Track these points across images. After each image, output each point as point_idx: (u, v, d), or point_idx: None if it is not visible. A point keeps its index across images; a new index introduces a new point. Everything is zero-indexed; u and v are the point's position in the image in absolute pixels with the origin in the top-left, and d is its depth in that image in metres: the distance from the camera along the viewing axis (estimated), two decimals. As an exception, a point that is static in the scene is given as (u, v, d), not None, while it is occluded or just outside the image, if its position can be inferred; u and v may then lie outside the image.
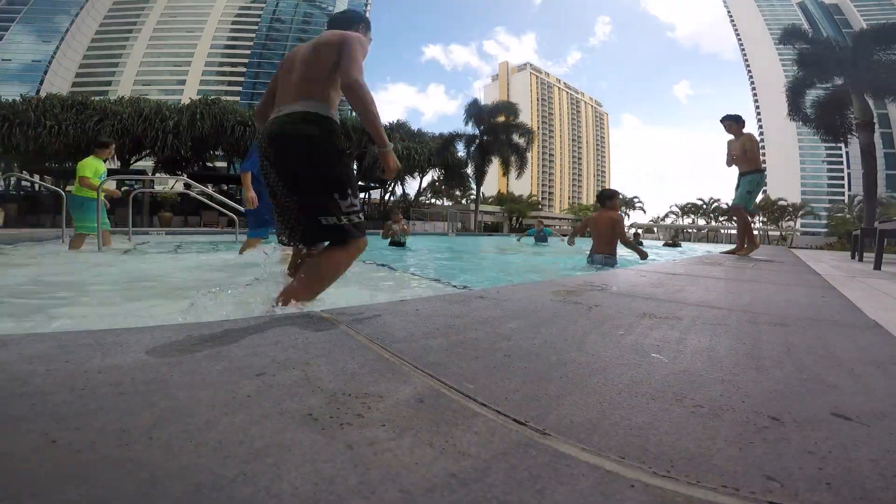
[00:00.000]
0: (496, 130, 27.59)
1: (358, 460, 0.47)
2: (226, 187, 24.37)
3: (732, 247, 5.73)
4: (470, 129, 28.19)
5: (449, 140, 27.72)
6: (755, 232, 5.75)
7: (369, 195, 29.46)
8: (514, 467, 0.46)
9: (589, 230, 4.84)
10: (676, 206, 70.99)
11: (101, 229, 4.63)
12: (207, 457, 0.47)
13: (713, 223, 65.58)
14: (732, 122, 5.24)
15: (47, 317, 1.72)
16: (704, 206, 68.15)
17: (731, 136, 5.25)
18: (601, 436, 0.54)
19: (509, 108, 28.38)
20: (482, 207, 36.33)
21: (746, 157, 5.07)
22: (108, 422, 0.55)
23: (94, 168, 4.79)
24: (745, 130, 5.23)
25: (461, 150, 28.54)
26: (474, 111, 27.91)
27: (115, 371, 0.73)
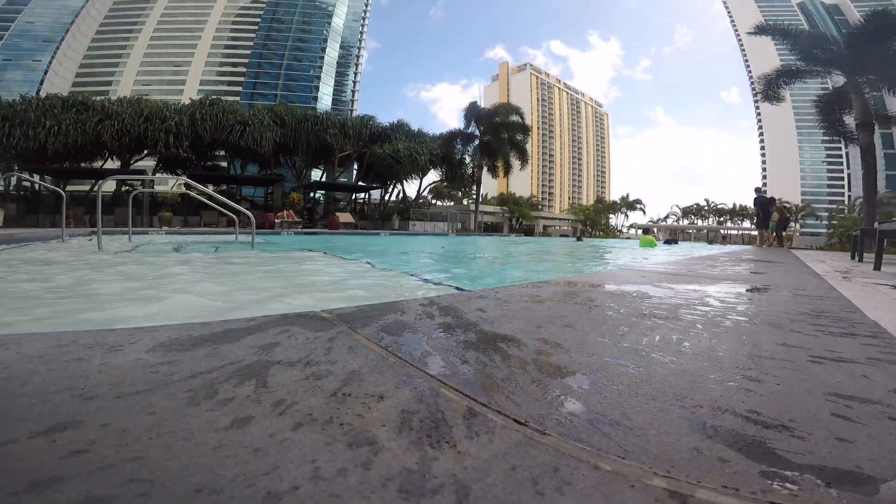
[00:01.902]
0: (497, 130, 27.60)
1: (358, 460, 0.47)
2: (226, 187, 24.37)
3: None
4: (471, 129, 28.24)
5: (449, 139, 27.73)
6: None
7: (369, 195, 29.47)
8: (514, 468, 0.46)
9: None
10: (678, 206, 71.15)
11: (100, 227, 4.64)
12: (207, 457, 0.47)
13: (712, 223, 65.82)
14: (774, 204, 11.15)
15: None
16: (706, 208, 68.36)
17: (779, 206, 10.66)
18: (601, 436, 0.54)
19: (512, 110, 28.38)
20: (482, 208, 36.34)
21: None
22: (108, 422, 0.55)
23: None
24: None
25: (462, 151, 28.57)
26: (474, 114, 27.93)
27: (114, 371, 0.73)
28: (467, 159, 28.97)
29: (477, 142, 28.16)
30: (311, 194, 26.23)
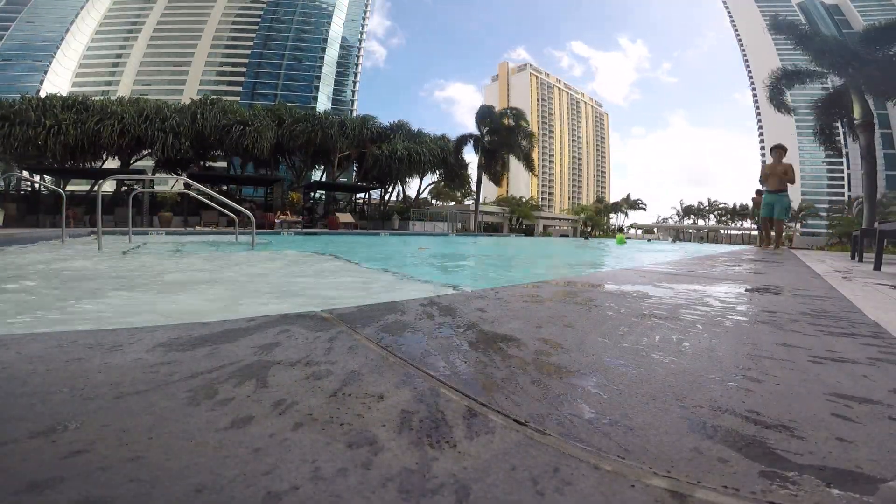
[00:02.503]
0: (500, 132, 27.63)
1: (358, 460, 0.47)
2: (226, 187, 24.37)
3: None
4: (475, 130, 28.30)
5: (460, 142, 27.78)
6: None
7: (369, 195, 29.49)
8: (514, 468, 0.46)
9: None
10: (679, 207, 71.40)
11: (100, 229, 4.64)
12: (207, 457, 0.47)
13: (713, 223, 66.14)
14: (783, 151, 7.10)
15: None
16: (707, 208, 68.72)
17: (772, 161, 7.22)
18: (601, 436, 0.54)
19: (516, 114, 28.45)
20: (483, 208, 36.37)
21: (787, 178, 7.00)
22: (109, 422, 0.55)
23: None
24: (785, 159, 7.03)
25: (463, 152, 28.63)
26: (484, 115, 28.03)
27: (114, 371, 0.73)
28: (469, 161, 29.01)
29: (479, 143, 28.18)
30: (311, 194, 26.24)
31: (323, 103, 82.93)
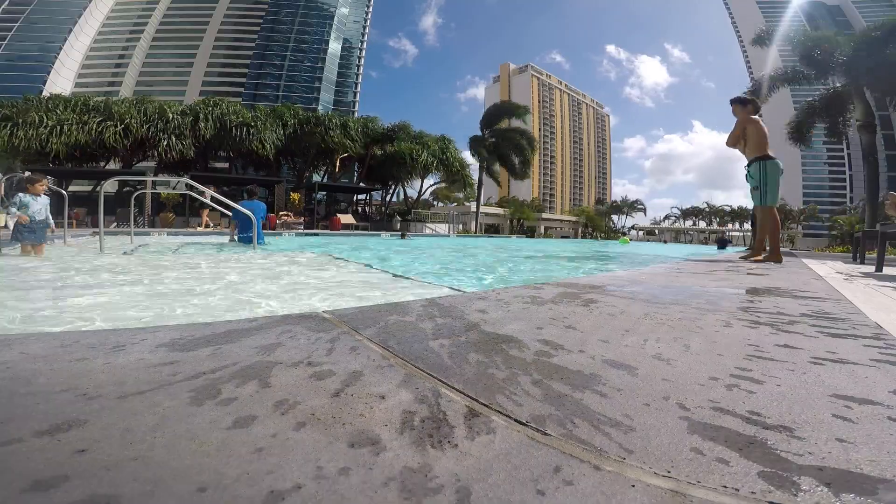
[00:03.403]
0: (501, 133, 27.63)
1: (361, 460, 0.47)
2: (227, 189, 24.40)
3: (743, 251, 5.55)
4: (477, 132, 28.33)
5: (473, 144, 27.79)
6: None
7: (370, 196, 29.54)
8: (515, 468, 0.47)
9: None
10: (678, 208, 71.47)
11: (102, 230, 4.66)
12: (210, 456, 0.47)
13: (715, 225, 66.24)
14: (738, 106, 4.74)
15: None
16: (707, 210, 68.82)
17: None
18: (602, 436, 0.55)
19: (516, 110, 28.38)
20: (484, 209, 36.39)
21: (750, 142, 4.61)
22: (112, 421, 0.55)
23: None
24: (752, 116, 4.64)
25: (464, 153, 28.63)
26: (487, 114, 28.04)
27: (118, 371, 0.74)
28: (470, 163, 28.93)
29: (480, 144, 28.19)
30: (313, 195, 26.29)
31: (324, 104, 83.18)
